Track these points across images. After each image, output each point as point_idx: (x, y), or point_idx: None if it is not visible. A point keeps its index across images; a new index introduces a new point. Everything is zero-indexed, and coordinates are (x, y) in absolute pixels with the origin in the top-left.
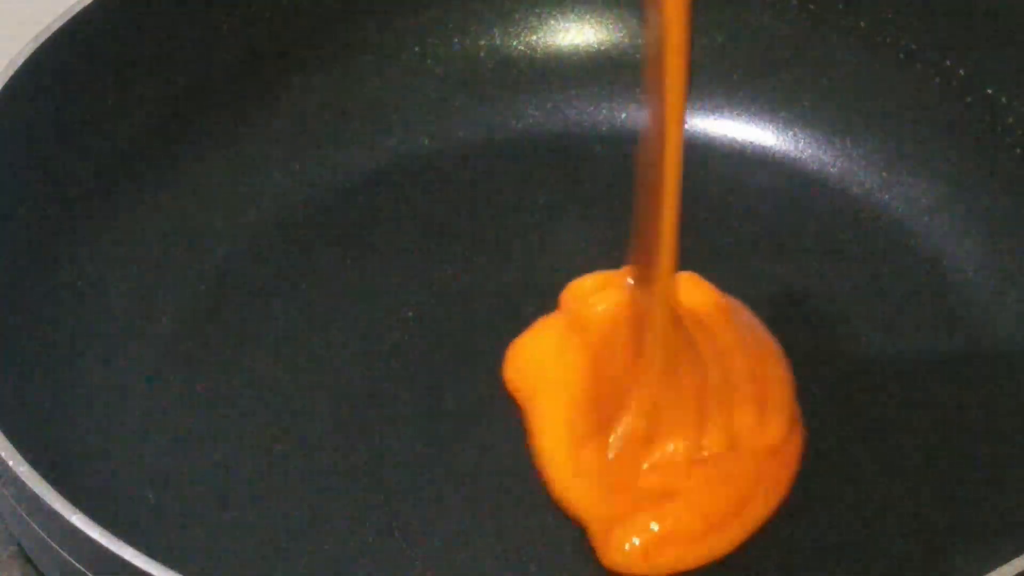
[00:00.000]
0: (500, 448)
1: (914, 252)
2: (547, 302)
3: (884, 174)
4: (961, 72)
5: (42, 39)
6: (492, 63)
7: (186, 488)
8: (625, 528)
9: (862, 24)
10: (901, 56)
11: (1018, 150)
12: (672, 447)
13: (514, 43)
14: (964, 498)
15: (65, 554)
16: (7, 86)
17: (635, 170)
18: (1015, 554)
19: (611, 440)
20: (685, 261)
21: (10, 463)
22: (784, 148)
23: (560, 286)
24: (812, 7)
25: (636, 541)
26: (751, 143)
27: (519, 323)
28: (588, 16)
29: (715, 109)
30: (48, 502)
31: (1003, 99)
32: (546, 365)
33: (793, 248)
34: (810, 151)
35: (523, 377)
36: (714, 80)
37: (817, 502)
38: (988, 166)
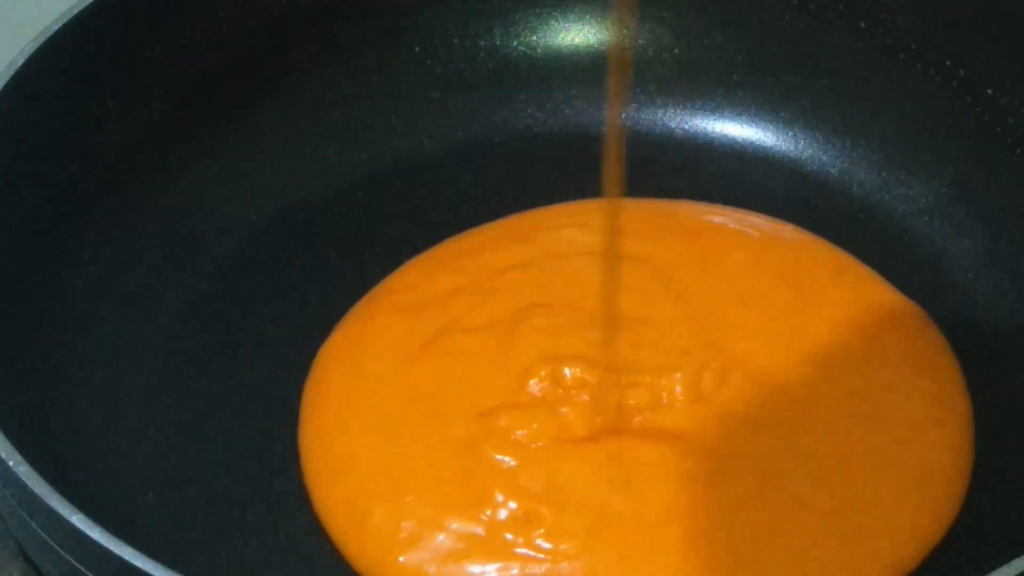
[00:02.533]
0: None
1: (914, 252)
2: None
3: (884, 174)
4: (961, 72)
5: (42, 39)
6: (492, 63)
7: (186, 488)
8: None
9: (862, 24)
10: (901, 56)
11: (1018, 150)
12: None
13: (514, 43)
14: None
15: (65, 554)
16: (7, 86)
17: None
18: (1015, 554)
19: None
20: None
21: (10, 463)
22: (784, 148)
23: None
24: (812, 7)
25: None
26: (751, 143)
27: None
28: (588, 16)
29: (715, 109)
30: (48, 502)
31: (1003, 99)
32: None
33: None
34: (810, 151)
35: None
36: (714, 80)
37: None
38: (988, 166)
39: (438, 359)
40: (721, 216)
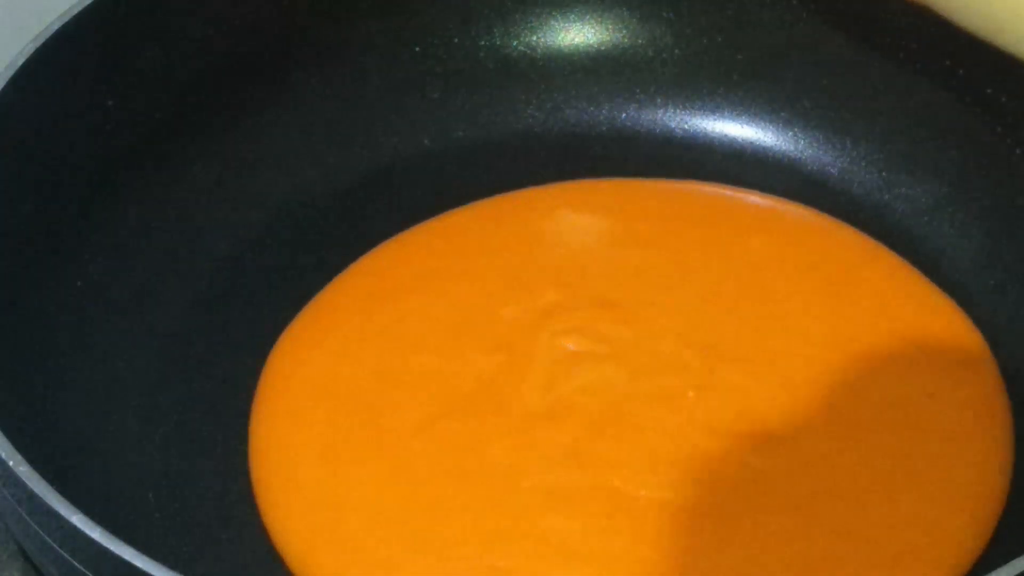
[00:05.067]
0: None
1: (914, 252)
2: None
3: (884, 174)
4: (961, 72)
5: (43, 39)
6: (492, 63)
7: (186, 488)
8: None
9: (862, 24)
10: (901, 56)
11: (1018, 150)
12: None
13: (514, 43)
14: None
15: (65, 554)
16: (8, 86)
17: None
18: (1015, 554)
19: None
20: None
21: (10, 463)
22: (784, 148)
23: None
24: (812, 7)
25: None
26: (751, 143)
27: None
28: (588, 16)
29: (715, 109)
30: (48, 502)
31: (1003, 99)
32: None
33: None
34: (810, 151)
35: None
36: (714, 80)
37: None
38: (988, 166)
39: (393, 358)
40: (735, 198)
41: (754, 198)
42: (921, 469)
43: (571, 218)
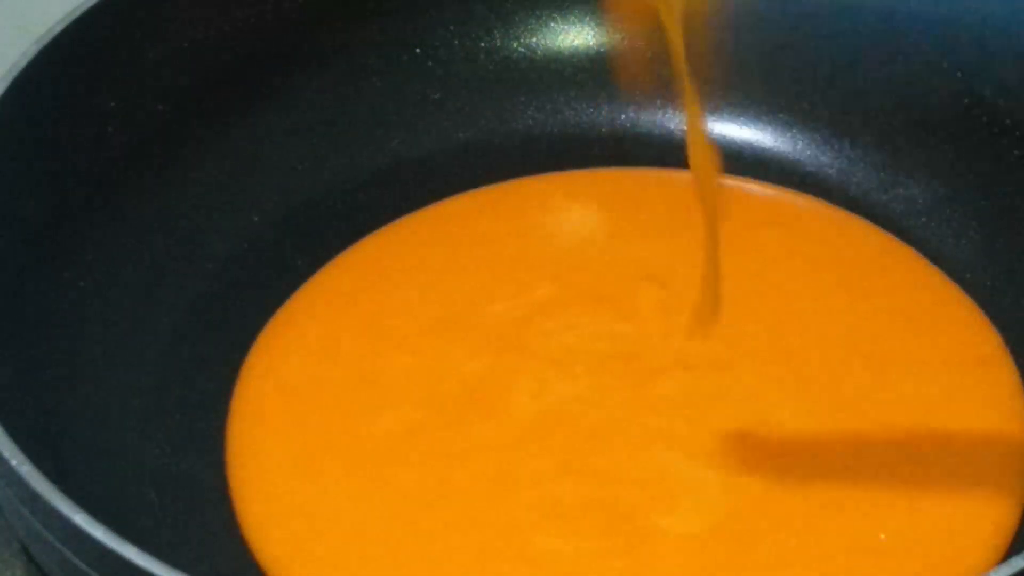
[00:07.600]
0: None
1: (914, 252)
2: None
3: (884, 174)
4: (959, 73)
5: (45, 41)
6: (492, 64)
7: (187, 488)
8: None
9: (861, 25)
10: (900, 57)
11: (1016, 151)
12: None
13: (514, 44)
14: None
15: (68, 553)
16: (10, 87)
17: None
18: (1014, 554)
19: None
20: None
21: (13, 463)
22: (783, 148)
23: None
24: (811, 8)
25: None
26: (750, 143)
27: None
28: (588, 17)
29: (715, 109)
30: (51, 502)
31: (1001, 101)
32: None
33: None
34: (810, 151)
35: None
36: (714, 80)
37: None
38: (987, 166)
39: (373, 358)
40: (741, 188)
41: (761, 189)
42: (940, 482)
43: (567, 208)
